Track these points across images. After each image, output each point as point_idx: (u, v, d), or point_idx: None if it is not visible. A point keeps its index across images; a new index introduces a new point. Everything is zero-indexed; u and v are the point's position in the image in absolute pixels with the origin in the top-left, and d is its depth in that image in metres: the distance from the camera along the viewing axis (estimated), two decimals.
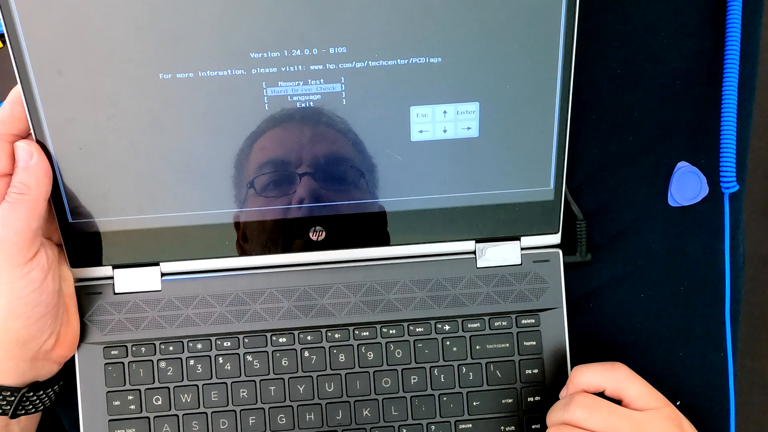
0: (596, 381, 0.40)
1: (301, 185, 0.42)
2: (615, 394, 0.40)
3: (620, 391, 0.39)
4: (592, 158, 0.47)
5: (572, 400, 0.39)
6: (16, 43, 0.37)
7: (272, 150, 0.41)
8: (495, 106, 0.41)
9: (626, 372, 0.40)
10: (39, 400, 0.41)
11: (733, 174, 0.44)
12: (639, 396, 0.39)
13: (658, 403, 0.39)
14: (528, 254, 0.44)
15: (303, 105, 0.40)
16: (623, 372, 0.40)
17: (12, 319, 0.37)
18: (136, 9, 0.37)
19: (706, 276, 0.48)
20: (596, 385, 0.40)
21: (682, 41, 0.46)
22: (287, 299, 0.44)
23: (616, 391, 0.40)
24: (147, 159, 0.40)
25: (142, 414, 0.43)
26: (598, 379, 0.40)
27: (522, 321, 0.44)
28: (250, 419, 0.44)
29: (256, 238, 0.43)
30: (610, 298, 0.47)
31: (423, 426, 0.44)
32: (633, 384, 0.39)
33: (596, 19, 0.46)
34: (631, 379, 0.40)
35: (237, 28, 0.38)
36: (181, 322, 0.43)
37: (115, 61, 0.38)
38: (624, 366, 0.40)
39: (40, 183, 0.38)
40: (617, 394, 0.40)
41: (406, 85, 0.40)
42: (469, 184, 0.43)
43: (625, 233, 0.47)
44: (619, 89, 0.47)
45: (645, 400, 0.39)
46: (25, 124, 0.39)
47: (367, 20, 0.38)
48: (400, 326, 0.44)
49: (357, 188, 0.42)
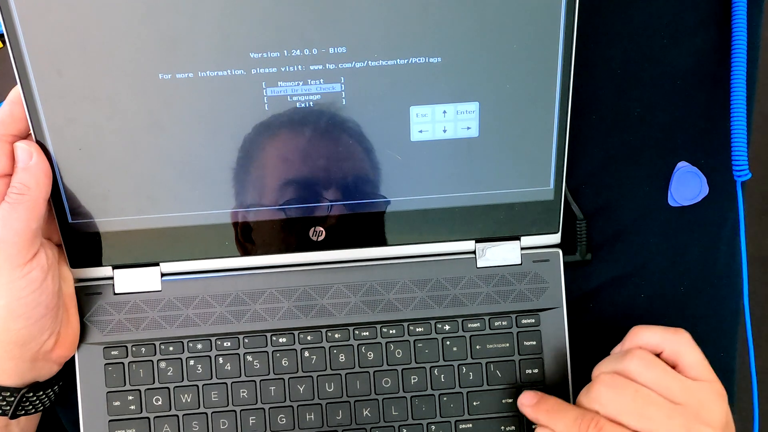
0: (656, 340, 0.39)
1: (301, 185, 0.42)
2: (672, 357, 0.38)
3: (678, 355, 0.38)
4: (592, 158, 0.47)
5: (630, 353, 0.38)
6: (16, 43, 0.37)
7: (272, 150, 0.41)
8: (495, 106, 0.41)
9: (688, 338, 0.39)
10: (39, 401, 0.41)
11: (745, 162, 0.44)
12: (695, 364, 0.38)
13: (711, 376, 0.38)
14: (528, 254, 0.44)
15: (303, 105, 0.40)
16: (685, 337, 0.39)
17: (12, 319, 0.37)
18: (135, 9, 0.37)
19: (706, 276, 0.48)
20: (655, 344, 0.39)
21: (683, 41, 0.46)
22: (287, 299, 0.44)
23: (674, 355, 0.38)
24: (147, 159, 0.40)
25: (142, 414, 0.43)
26: (657, 339, 0.39)
27: (522, 321, 0.44)
28: (250, 419, 0.44)
29: (255, 239, 0.43)
30: (610, 298, 0.47)
31: (423, 426, 0.44)
32: (692, 351, 0.38)
33: (596, 19, 0.46)
34: (691, 345, 0.38)
35: (236, 28, 0.38)
36: (181, 322, 0.43)
37: (115, 61, 0.38)
38: (686, 332, 0.39)
39: (39, 183, 0.38)
40: (674, 358, 0.38)
41: (405, 85, 0.40)
42: (469, 183, 0.43)
43: (625, 233, 0.47)
44: (619, 89, 0.47)
45: (699, 370, 0.38)
46: (24, 124, 0.39)
47: (367, 20, 0.38)
48: (400, 326, 0.44)
49: (357, 188, 0.42)
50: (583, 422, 0.37)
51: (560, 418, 0.38)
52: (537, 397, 0.41)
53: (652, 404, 0.36)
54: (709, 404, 0.37)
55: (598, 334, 0.47)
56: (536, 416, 0.40)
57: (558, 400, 0.40)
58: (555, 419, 0.39)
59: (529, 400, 0.41)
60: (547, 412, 0.40)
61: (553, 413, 0.39)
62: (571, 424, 0.37)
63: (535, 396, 0.41)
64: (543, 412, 0.40)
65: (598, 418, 0.36)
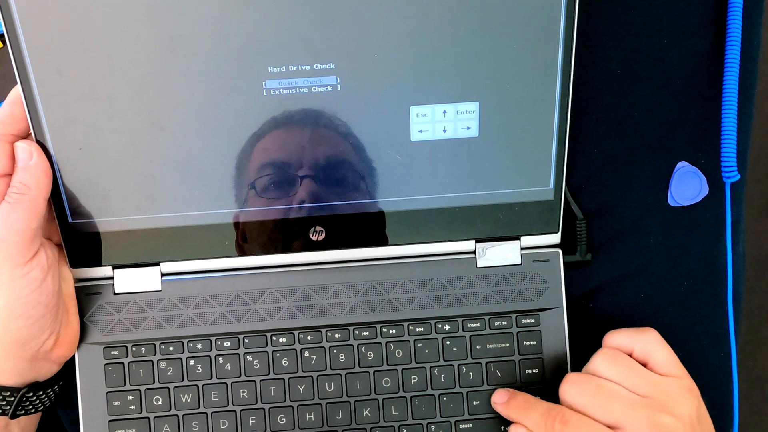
0: (625, 342, 0.41)
1: (301, 185, 0.42)
2: (642, 356, 0.40)
3: (647, 353, 0.40)
4: (592, 158, 0.47)
5: (597, 352, 0.40)
6: (16, 43, 0.37)
7: (272, 150, 0.41)
8: (495, 106, 0.41)
9: (655, 336, 0.40)
10: (39, 401, 0.41)
11: (733, 163, 0.44)
12: (664, 362, 0.40)
13: (680, 372, 0.40)
14: (528, 254, 0.44)
15: (303, 105, 0.40)
16: (652, 336, 0.40)
17: (12, 319, 0.37)
18: (136, 9, 0.37)
19: (706, 276, 0.48)
20: (625, 345, 0.41)
21: (682, 41, 0.46)
22: (287, 299, 0.44)
23: (644, 353, 0.40)
24: (147, 159, 0.40)
25: (142, 414, 0.43)
26: (627, 340, 0.41)
27: (522, 321, 0.44)
28: (250, 419, 0.44)
29: (256, 238, 0.43)
30: (610, 298, 0.47)
31: (423, 426, 0.44)
32: (660, 349, 0.40)
33: (596, 19, 0.46)
34: (659, 343, 0.40)
35: (236, 28, 0.38)
36: (181, 322, 0.43)
37: (115, 61, 0.38)
38: (654, 331, 0.41)
39: (39, 183, 0.38)
40: (644, 357, 0.40)
41: (405, 84, 0.40)
42: (469, 183, 0.43)
43: (625, 233, 0.47)
44: (619, 89, 0.47)
45: (669, 367, 0.39)
46: (25, 124, 0.39)
47: (368, 20, 0.38)
48: (400, 326, 0.44)
49: (357, 188, 0.42)
50: (550, 416, 0.38)
51: (530, 414, 0.40)
52: (507, 395, 0.42)
53: (614, 397, 0.38)
54: (677, 397, 0.38)
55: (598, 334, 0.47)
56: (508, 413, 0.42)
57: (528, 396, 0.42)
58: (525, 415, 0.40)
59: (500, 398, 0.43)
60: (517, 408, 0.41)
61: (523, 409, 0.41)
62: (539, 418, 0.39)
63: (506, 393, 0.42)
64: (513, 408, 0.41)
65: (564, 411, 0.38)
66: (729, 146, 0.44)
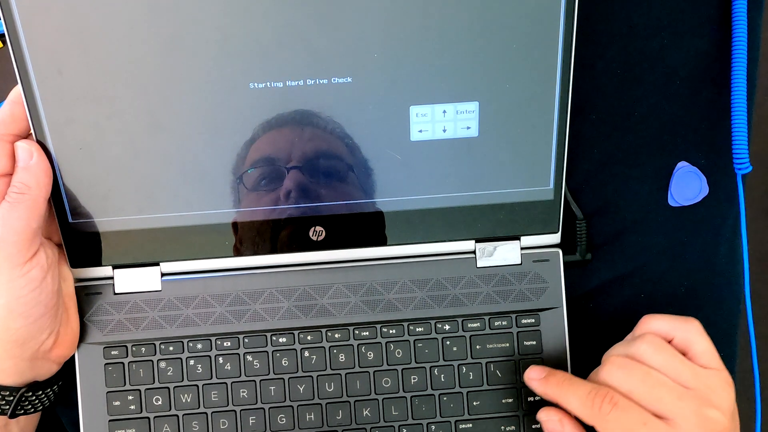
0: (666, 328, 0.39)
1: (301, 186, 0.42)
2: (682, 345, 0.39)
3: (688, 342, 0.38)
4: (592, 158, 0.47)
5: (641, 337, 0.38)
6: (17, 43, 0.37)
7: (272, 150, 0.41)
8: (494, 106, 0.41)
9: (698, 327, 0.39)
10: (38, 400, 0.41)
11: (745, 153, 0.44)
12: (705, 352, 0.38)
13: (719, 365, 0.38)
14: (528, 254, 0.44)
15: (303, 105, 0.40)
16: (695, 326, 0.39)
17: (11, 318, 0.37)
18: (136, 9, 0.37)
19: (706, 276, 0.48)
20: (666, 332, 0.39)
21: (683, 41, 0.46)
22: (287, 299, 0.44)
23: (684, 342, 0.39)
24: (147, 159, 0.40)
25: (142, 414, 0.43)
26: (668, 327, 0.39)
27: (522, 321, 0.44)
28: (250, 419, 0.44)
29: (256, 238, 0.43)
30: (610, 298, 0.47)
31: (423, 426, 0.44)
32: (702, 340, 0.38)
33: (596, 19, 0.46)
34: (701, 334, 0.39)
35: (236, 28, 0.38)
36: (181, 322, 0.43)
37: (116, 60, 0.38)
38: (697, 321, 0.39)
39: (40, 183, 0.38)
40: (684, 346, 0.39)
41: (405, 84, 0.40)
42: (469, 183, 0.43)
43: (625, 233, 0.47)
44: (619, 89, 0.47)
45: (708, 358, 0.38)
46: (25, 124, 0.39)
47: (368, 20, 0.38)
48: (400, 326, 0.44)
49: (357, 188, 0.42)
50: (598, 396, 0.36)
51: (573, 392, 0.38)
52: (545, 371, 0.40)
53: (662, 386, 0.36)
54: (719, 391, 0.37)
55: (598, 334, 0.47)
56: (545, 390, 0.40)
57: (568, 374, 0.40)
58: (567, 393, 0.38)
59: (537, 374, 0.41)
60: (558, 386, 0.39)
61: (565, 387, 0.39)
62: (585, 398, 0.37)
63: (543, 369, 0.41)
64: (553, 386, 0.39)
65: (612, 393, 0.36)
66: (740, 136, 0.44)
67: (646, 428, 0.35)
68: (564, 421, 0.39)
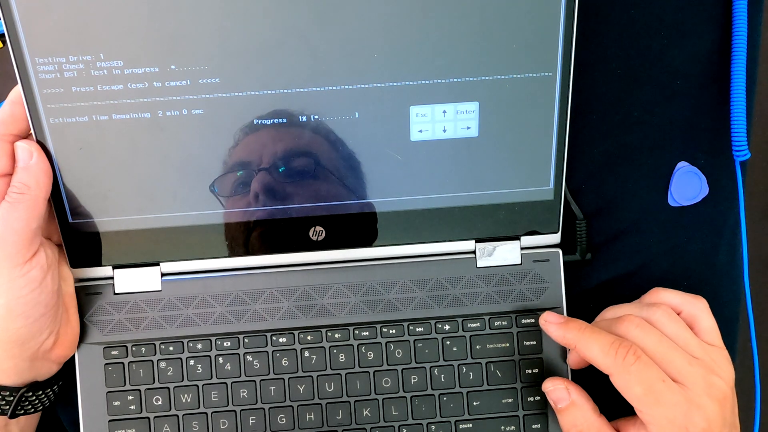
0: (676, 301, 0.40)
1: (301, 185, 0.42)
2: (689, 320, 0.40)
3: (695, 318, 0.40)
4: (592, 158, 0.47)
5: (656, 305, 0.40)
6: (17, 43, 0.37)
7: (272, 150, 0.41)
8: (495, 106, 0.41)
9: (705, 305, 0.40)
10: (38, 400, 0.41)
11: (744, 140, 0.44)
12: (709, 330, 0.39)
13: (721, 344, 0.40)
14: (528, 254, 0.44)
15: (302, 105, 0.40)
16: (702, 304, 0.40)
17: (11, 318, 0.37)
18: (136, 9, 0.37)
19: (706, 276, 0.48)
20: (675, 305, 0.40)
21: (683, 41, 0.46)
22: (287, 299, 0.44)
23: (691, 318, 0.40)
24: (147, 159, 0.40)
25: (142, 414, 0.43)
26: (678, 301, 0.40)
27: (522, 321, 0.44)
28: (250, 419, 0.44)
29: (255, 238, 0.43)
30: (610, 298, 0.47)
31: (423, 426, 0.44)
32: (708, 317, 0.40)
33: (596, 19, 0.46)
34: (707, 312, 0.40)
35: (236, 28, 0.38)
36: (181, 322, 0.43)
37: (116, 60, 0.38)
38: (704, 300, 0.41)
39: (40, 183, 0.38)
40: (690, 321, 0.40)
41: (405, 84, 0.40)
42: (469, 183, 0.43)
43: (625, 233, 0.47)
44: (619, 89, 0.47)
45: (713, 337, 0.39)
46: (25, 124, 0.39)
47: (367, 19, 0.38)
48: (400, 326, 0.44)
49: (357, 188, 0.42)
50: (622, 347, 0.37)
51: (595, 340, 0.38)
52: (563, 317, 0.41)
53: (674, 351, 0.37)
54: (722, 364, 0.38)
55: None
56: (564, 333, 0.40)
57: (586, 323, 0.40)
58: (588, 340, 0.38)
59: (555, 318, 0.41)
60: (579, 331, 0.39)
61: (587, 334, 0.39)
62: (609, 346, 0.37)
63: (561, 316, 0.41)
64: (574, 330, 0.39)
65: (636, 347, 0.37)
66: (739, 123, 0.44)
67: (664, 385, 0.36)
68: (570, 388, 0.40)
